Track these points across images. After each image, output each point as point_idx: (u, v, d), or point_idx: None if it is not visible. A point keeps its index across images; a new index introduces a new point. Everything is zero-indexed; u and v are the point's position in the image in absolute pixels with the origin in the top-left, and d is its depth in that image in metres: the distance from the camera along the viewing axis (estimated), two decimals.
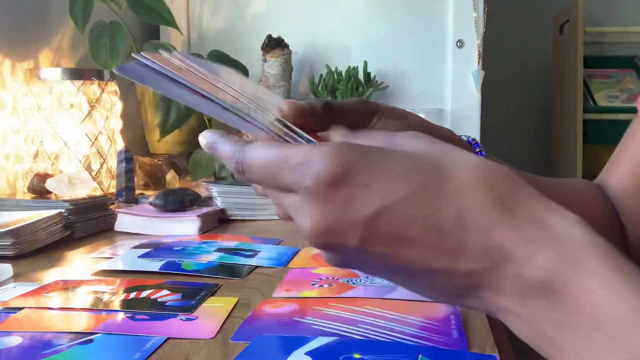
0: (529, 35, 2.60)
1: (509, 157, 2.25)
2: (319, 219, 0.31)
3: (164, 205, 0.89)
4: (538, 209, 0.30)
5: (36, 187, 0.93)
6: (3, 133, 1.10)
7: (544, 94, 2.59)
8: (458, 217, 0.29)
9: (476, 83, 1.56)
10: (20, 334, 0.45)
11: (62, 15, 1.25)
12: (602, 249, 0.28)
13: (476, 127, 1.58)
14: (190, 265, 0.64)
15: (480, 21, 1.55)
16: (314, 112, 0.40)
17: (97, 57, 1.24)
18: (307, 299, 0.53)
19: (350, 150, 0.31)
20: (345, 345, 0.41)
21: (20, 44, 1.16)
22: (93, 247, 0.78)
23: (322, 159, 0.30)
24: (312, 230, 0.31)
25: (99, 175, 1.11)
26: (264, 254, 0.70)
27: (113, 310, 0.50)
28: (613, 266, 0.27)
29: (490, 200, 0.29)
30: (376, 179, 0.30)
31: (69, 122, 1.07)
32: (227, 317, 0.49)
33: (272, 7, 1.63)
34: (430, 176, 0.30)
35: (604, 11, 2.50)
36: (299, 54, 1.59)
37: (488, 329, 0.45)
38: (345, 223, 0.31)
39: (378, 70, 1.60)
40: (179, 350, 0.42)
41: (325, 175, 0.30)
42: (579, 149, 2.11)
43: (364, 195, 0.30)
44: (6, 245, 0.70)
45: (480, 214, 0.29)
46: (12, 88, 1.12)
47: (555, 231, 0.29)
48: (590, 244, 0.28)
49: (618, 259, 0.28)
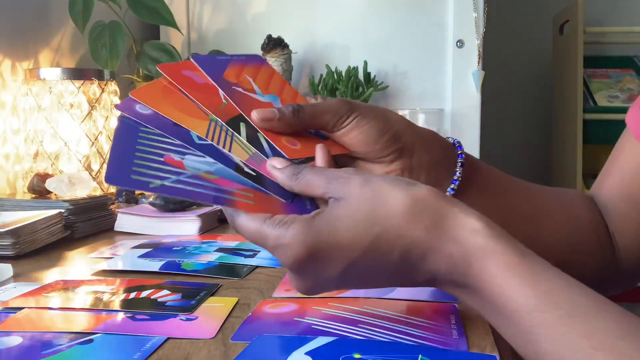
0: (529, 35, 2.60)
1: (509, 157, 2.27)
2: (300, 285, 0.43)
3: (164, 205, 0.89)
4: (455, 228, 0.40)
5: (36, 187, 0.93)
6: (3, 133, 1.11)
7: (544, 94, 2.59)
8: (402, 255, 0.40)
9: (476, 83, 1.56)
10: (20, 334, 0.45)
11: (62, 15, 1.25)
12: (497, 252, 0.39)
13: (476, 127, 1.58)
14: (190, 265, 0.64)
15: (480, 21, 1.55)
16: (282, 118, 0.48)
17: (97, 57, 1.25)
18: (307, 299, 0.53)
19: (309, 235, 0.40)
20: (345, 345, 0.41)
21: (20, 44, 1.16)
22: (93, 247, 0.78)
23: (290, 248, 0.40)
24: (299, 289, 0.44)
25: (99, 175, 1.11)
26: (264, 254, 0.70)
27: (113, 310, 0.50)
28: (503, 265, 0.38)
29: (420, 233, 0.40)
30: (334, 251, 0.40)
31: (69, 122, 1.07)
32: (227, 317, 0.49)
33: (272, 7, 1.63)
34: (370, 233, 0.40)
35: (604, 11, 2.50)
36: (299, 54, 1.59)
37: (488, 329, 0.45)
38: (320, 285, 0.43)
39: (378, 70, 1.60)
40: (179, 350, 0.42)
41: (297, 259, 0.40)
42: (578, 149, 2.11)
43: (330, 266, 0.41)
44: (6, 245, 0.70)
45: (415, 247, 0.40)
46: (12, 88, 1.12)
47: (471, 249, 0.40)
48: (487, 249, 0.39)
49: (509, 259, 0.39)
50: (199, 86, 0.52)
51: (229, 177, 0.47)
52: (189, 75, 0.54)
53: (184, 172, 0.47)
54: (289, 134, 0.50)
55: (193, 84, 0.52)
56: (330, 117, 0.49)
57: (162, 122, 0.49)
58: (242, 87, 0.54)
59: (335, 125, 0.49)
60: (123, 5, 1.31)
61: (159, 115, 0.50)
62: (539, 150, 2.62)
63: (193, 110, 0.51)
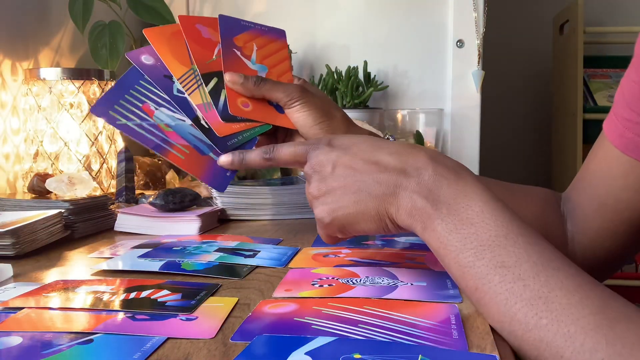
0: (529, 35, 2.60)
1: (509, 157, 2.26)
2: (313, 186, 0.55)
3: (164, 205, 0.89)
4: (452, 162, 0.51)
5: (36, 187, 0.93)
6: (3, 133, 1.11)
7: (543, 93, 2.59)
8: (399, 144, 0.52)
9: (476, 83, 1.57)
10: (20, 334, 0.45)
11: (62, 15, 1.25)
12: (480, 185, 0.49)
13: (476, 127, 1.58)
14: (190, 265, 0.64)
15: (480, 21, 1.55)
16: (245, 84, 0.65)
17: (97, 57, 1.25)
18: (307, 299, 0.53)
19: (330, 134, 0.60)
20: (345, 345, 0.41)
21: (20, 44, 1.16)
22: (93, 247, 0.78)
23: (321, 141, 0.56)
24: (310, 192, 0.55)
25: (99, 175, 1.11)
26: (264, 254, 0.70)
27: (113, 310, 0.50)
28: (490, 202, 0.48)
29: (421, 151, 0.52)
30: (346, 138, 0.55)
31: (69, 122, 1.08)
32: (227, 317, 0.49)
33: (272, 7, 1.63)
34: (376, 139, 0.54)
35: (604, 11, 2.50)
36: (299, 54, 1.59)
37: (488, 329, 0.45)
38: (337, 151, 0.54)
39: (378, 70, 1.60)
40: (179, 350, 0.42)
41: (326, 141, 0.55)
42: (578, 149, 2.11)
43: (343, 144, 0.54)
44: (6, 245, 0.70)
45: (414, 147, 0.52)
46: (12, 88, 1.12)
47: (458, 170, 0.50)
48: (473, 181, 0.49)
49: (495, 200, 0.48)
50: (201, 39, 0.70)
51: (182, 133, 0.60)
52: (199, 28, 0.67)
53: (149, 119, 0.60)
54: (247, 97, 0.66)
55: (197, 36, 0.69)
56: (284, 96, 0.67)
57: (156, 73, 0.62)
58: (241, 51, 0.68)
59: (286, 104, 0.67)
60: (123, 5, 1.31)
61: (157, 66, 0.62)
62: (539, 150, 2.62)
63: (183, 57, 0.64)
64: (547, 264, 0.44)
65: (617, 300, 0.42)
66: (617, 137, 0.61)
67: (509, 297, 0.43)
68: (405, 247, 0.74)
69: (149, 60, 0.62)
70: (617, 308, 0.41)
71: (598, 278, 0.45)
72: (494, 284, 0.44)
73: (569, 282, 0.42)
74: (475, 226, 0.46)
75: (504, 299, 0.44)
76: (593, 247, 0.65)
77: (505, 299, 0.44)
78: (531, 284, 0.43)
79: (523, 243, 0.45)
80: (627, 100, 0.59)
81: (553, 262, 0.44)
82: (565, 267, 0.44)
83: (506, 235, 0.45)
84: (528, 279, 0.43)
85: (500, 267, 0.44)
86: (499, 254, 0.45)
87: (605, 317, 0.40)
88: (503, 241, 0.45)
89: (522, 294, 0.43)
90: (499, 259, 0.45)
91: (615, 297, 0.42)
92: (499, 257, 0.45)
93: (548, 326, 0.41)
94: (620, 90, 0.62)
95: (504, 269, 0.44)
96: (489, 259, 0.45)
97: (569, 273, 0.43)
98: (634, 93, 0.59)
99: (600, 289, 0.42)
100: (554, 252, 0.45)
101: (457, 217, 0.47)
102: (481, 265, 0.45)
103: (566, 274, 0.43)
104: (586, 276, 0.43)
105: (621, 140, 0.60)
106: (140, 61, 0.63)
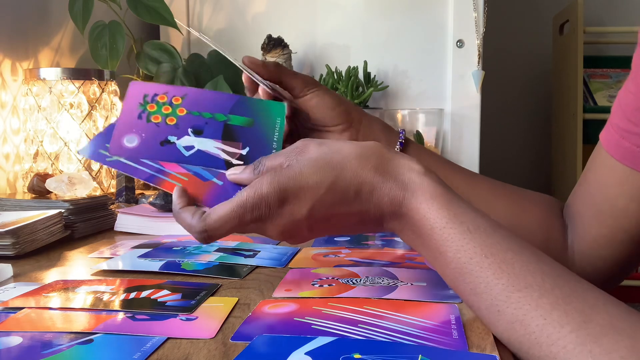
0: (529, 35, 2.60)
1: (509, 157, 2.26)
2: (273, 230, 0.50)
3: (164, 205, 0.89)
4: (397, 168, 0.49)
5: (36, 187, 0.93)
6: (3, 133, 1.11)
7: (543, 94, 2.59)
8: (356, 193, 0.48)
9: (476, 83, 1.56)
10: (20, 334, 0.45)
11: (62, 15, 1.25)
12: (426, 185, 0.47)
13: (476, 126, 1.57)
14: (190, 265, 0.64)
15: (480, 21, 1.55)
16: (266, 66, 0.65)
17: (97, 57, 1.25)
18: (307, 299, 0.53)
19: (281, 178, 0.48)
20: (345, 345, 0.41)
21: (20, 44, 1.16)
22: (93, 247, 0.78)
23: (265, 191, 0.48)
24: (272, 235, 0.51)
25: (99, 175, 1.11)
26: (264, 254, 0.70)
27: (113, 310, 0.50)
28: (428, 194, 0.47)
29: (369, 173, 0.48)
30: (302, 191, 0.48)
31: (69, 122, 1.08)
32: (227, 317, 0.49)
33: (272, 7, 1.63)
34: (331, 175, 0.48)
35: (604, 11, 2.50)
36: (299, 54, 1.59)
37: (488, 329, 0.45)
38: (290, 229, 0.50)
39: (378, 70, 1.60)
40: (179, 350, 0.42)
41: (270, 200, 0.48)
42: (578, 149, 2.11)
43: (299, 204, 0.48)
44: (6, 245, 0.70)
45: (365, 185, 0.48)
46: (12, 88, 1.12)
47: (408, 183, 0.48)
48: (420, 184, 0.48)
49: (434, 190, 0.47)
50: None
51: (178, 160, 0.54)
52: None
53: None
54: (267, 79, 0.65)
55: None
56: (300, 83, 0.66)
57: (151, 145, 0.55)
58: None
59: (301, 91, 0.66)
60: (123, 5, 1.31)
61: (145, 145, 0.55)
62: (539, 150, 2.62)
63: None
64: (518, 282, 0.42)
65: (601, 310, 0.40)
66: (613, 146, 0.62)
67: (488, 323, 0.44)
68: (406, 247, 0.74)
69: (131, 142, 0.55)
70: (601, 320, 0.39)
71: None
72: (475, 308, 0.45)
73: (543, 300, 0.41)
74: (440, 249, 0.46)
75: (484, 324, 0.45)
76: (591, 255, 0.65)
77: (486, 324, 0.45)
78: (503, 309, 0.42)
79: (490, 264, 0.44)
80: (624, 110, 0.61)
81: (525, 279, 0.42)
82: (538, 282, 0.42)
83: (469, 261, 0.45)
84: (500, 304, 0.42)
85: (472, 294, 0.44)
86: (470, 280, 0.44)
87: (589, 332, 0.38)
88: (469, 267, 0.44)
89: (498, 320, 0.43)
90: (471, 286, 0.44)
91: (598, 306, 0.40)
92: (471, 285, 0.44)
93: (531, 351, 0.40)
94: (618, 102, 0.63)
95: (476, 297, 0.44)
96: (464, 286, 0.45)
97: (544, 289, 0.41)
98: (631, 104, 0.60)
99: (581, 298, 0.40)
100: (523, 265, 0.43)
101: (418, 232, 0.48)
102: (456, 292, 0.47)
103: (540, 292, 0.41)
104: (564, 287, 0.41)
105: (617, 150, 0.61)
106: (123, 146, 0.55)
